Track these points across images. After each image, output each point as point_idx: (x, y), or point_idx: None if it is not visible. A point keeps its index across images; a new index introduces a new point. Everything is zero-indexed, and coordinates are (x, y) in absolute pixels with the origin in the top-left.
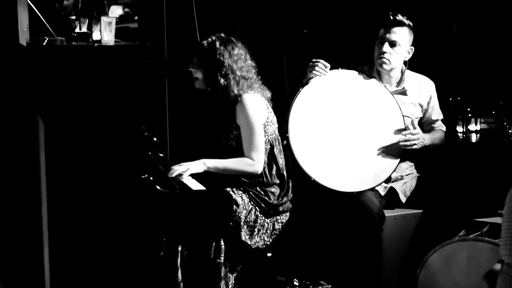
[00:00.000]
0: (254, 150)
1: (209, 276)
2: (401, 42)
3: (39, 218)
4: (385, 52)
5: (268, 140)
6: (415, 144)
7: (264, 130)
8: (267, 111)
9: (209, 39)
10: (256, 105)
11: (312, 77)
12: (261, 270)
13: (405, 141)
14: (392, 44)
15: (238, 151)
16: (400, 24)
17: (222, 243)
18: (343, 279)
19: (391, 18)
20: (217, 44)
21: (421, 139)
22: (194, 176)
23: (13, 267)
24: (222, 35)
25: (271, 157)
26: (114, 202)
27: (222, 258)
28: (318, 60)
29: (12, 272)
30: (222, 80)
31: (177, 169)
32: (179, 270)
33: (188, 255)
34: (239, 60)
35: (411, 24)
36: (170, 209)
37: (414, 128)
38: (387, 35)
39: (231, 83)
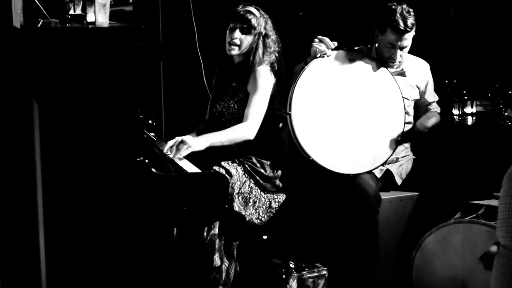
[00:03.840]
0: (254, 111)
1: (204, 249)
2: (410, 41)
3: (35, 202)
4: (400, 58)
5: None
6: None
7: (272, 101)
8: (276, 83)
9: (255, 9)
10: (269, 75)
11: (317, 56)
12: (257, 253)
13: None
14: (403, 48)
15: (234, 119)
16: (413, 27)
17: None
18: (339, 261)
19: (402, 28)
20: (265, 16)
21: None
22: (188, 156)
23: (9, 254)
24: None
25: (269, 130)
26: (108, 184)
27: (216, 230)
28: (323, 38)
29: (8, 260)
30: (262, 54)
31: (180, 147)
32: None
33: (183, 235)
34: (274, 32)
35: (413, 12)
36: (165, 191)
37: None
38: (399, 42)
39: (266, 57)
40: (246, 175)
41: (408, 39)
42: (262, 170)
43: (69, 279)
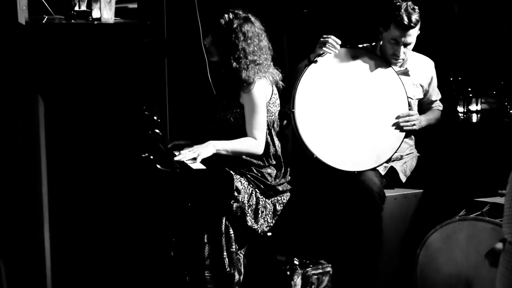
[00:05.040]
0: (257, 129)
1: (223, 264)
2: (414, 38)
3: (39, 198)
4: (404, 55)
5: (267, 120)
6: (414, 125)
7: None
8: (271, 92)
9: (227, 17)
10: (261, 90)
11: (321, 53)
12: (262, 250)
13: (403, 122)
14: (407, 45)
15: (234, 127)
16: (417, 23)
17: (232, 232)
18: (343, 258)
19: (407, 23)
20: (234, 24)
21: (418, 120)
22: None
23: (13, 252)
24: (240, 12)
25: (268, 138)
26: (114, 180)
27: (234, 247)
28: (329, 36)
29: (12, 249)
30: (234, 63)
31: (187, 155)
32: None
33: (193, 238)
34: (253, 43)
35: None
36: (170, 188)
37: (412, 109)
38: (403, 39)
39: (242, 67)
40: (251, 185)
41: (412, 36)
42: (264, 179)
43: (73, 276)
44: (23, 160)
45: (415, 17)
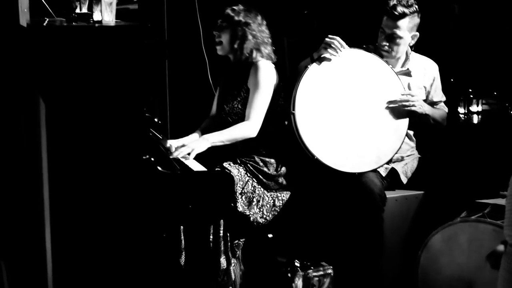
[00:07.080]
0: (254, 109)
1: (210, 252)
2: (404, 33)
3: (40, 199)
4: (386, 45)
5: (273, 110)
6: (414, 105)
7: (275, 96)
8: (278, 79)
9: (235, 6)
10: (270, 71)
11: (325, 55)
12: (262, 251)
13: (405, 101)
14: (397, 38)
15: (240, 115)
16: (403, 16)
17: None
18: (344, 260)
19: (394, 12)
20: (244, 9)
21: (420, 103)
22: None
23: (15, 253)
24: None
25: (273, 128)
26: (115, 182)
27: (221, 232)
28: (334, 37)
29: (13, 250)
30: (246, 43)
31: (182, 151)
32: (183, 252)
33: (190, 235)
34: (262, 26)
35: (416, 9)
36: (171, 190)
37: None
38: (391, 29)
39: (254, 47)
40: (248, 175)
41: (402, 29)
42: (265, 169)
43: (75, 278)
44: (25, 162)
45: (405, 8)
